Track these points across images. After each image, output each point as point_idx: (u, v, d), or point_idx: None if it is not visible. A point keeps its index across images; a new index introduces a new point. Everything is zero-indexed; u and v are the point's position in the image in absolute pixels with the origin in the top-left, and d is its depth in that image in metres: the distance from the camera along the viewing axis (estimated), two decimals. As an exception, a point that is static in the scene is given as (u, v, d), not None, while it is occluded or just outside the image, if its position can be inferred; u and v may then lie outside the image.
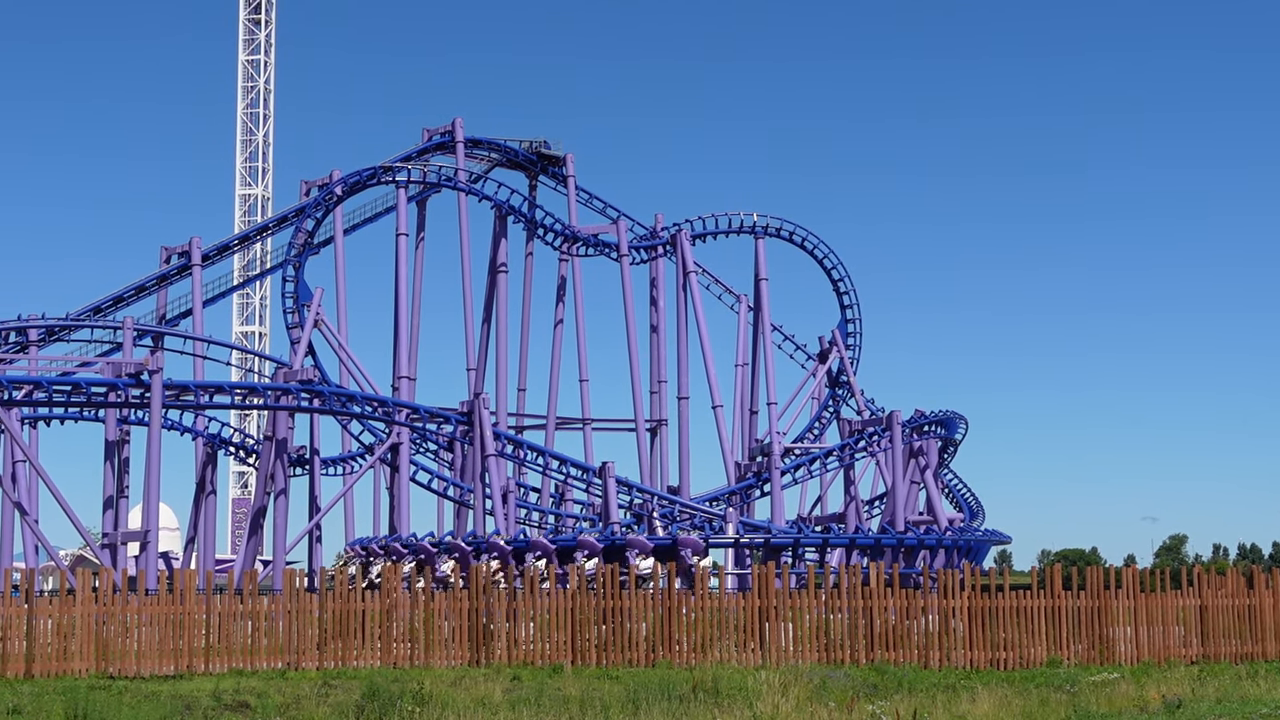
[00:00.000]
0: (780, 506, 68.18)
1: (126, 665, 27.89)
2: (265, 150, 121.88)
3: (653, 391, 78.24)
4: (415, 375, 72.22)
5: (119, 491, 60.84)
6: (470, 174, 77.68)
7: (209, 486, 65.56)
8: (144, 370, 52.85)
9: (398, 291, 72.44)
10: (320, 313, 67.55)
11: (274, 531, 60.22)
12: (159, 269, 74.98)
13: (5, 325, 62.72)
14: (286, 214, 78.33)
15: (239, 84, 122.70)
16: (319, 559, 63.11)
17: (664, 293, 78.69)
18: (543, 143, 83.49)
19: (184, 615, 28.68)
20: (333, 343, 68.46)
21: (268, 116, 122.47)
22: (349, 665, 29.18)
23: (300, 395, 58.35)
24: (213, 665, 28.53)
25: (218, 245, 77.34)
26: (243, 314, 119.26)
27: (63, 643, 27.74)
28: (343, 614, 29.75)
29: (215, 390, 57.86)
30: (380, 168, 73.87)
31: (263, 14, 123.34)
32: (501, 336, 77.38)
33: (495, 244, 78.54)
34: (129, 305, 73.33)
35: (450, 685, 24.41)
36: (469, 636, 30.14)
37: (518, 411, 79.63)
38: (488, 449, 60.37)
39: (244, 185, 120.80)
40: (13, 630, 27.50)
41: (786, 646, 30.21)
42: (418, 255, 79.06)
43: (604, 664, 29.49)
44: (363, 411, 61.51)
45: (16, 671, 27.00)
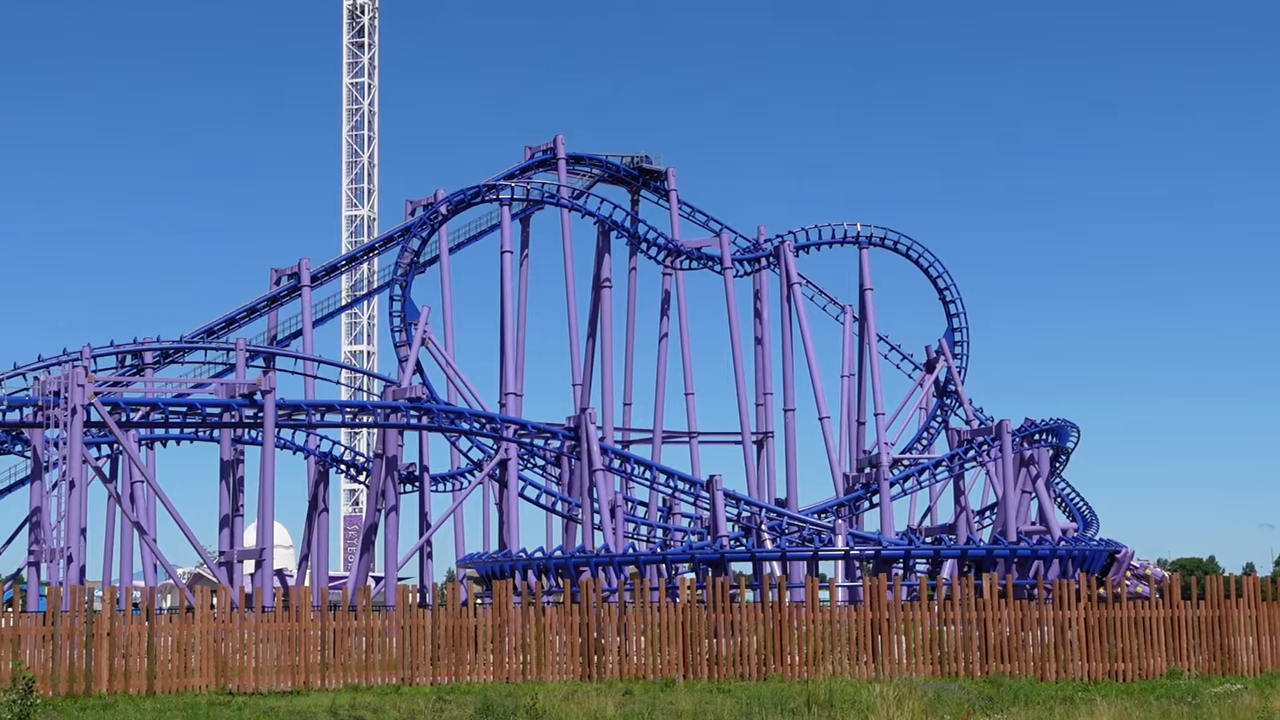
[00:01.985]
0: (890, 518, 67.64)
1: (245, 681, 28.28)
2: (370, 171, 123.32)
3: (758, 404, 78.02)
4: (522, 391, 72.61)
5: (234, 510, 61.74)
6: (572, 190, 78.07)
7: (321, 504, 66.37)
8: (257, 390, 53.61)
9: (503, 308, 72.91)
10: (427, 331, 68.16)
11: (385, 548, 60.78)
12: (269, 290, 76.20)
13: (122, 348, 63.98)
14: (392, 234, 79.16)
15: (343, 107, 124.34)
16: (430, 575, 63.58)
17: (768, 304, 78.52)
18: (644, 157, 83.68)
19: (300, 632, 29.04)
20: (440, 360, 69.02)
21: (372, 138, 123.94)
22: (462, 680, 29.36)
23: (409, 413, 58.87)
24: (328, 681, 28.83)
25: (326, 266, 78.44)
26: (351, 333, 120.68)
27: (183, 659, 28.18)
28: (455, 629, 29.95)
29: (326, 409, 58.55)
30: (484, 186, 74.42)
31: (365, 37, 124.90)
32: (606, 351, 77.61)
33: (599, 259, 78.80)
34: (241, 327, 74.65)
35: (563, 700, 24.47)
36: (580, 651, 30.21)
37: (624, 426, 79.75)
38: (595, 463, 60.51)
39: (350, 206, 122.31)
40: (134, 647, 28.00)
41: (899, 659, 29.93)
42: (522, 272, 79.56)
43: (716, 678, 29.42)
44: (471, 428, 61.93)
45: (139, 688, 27.48)
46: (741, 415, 76.49)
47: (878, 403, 75.19)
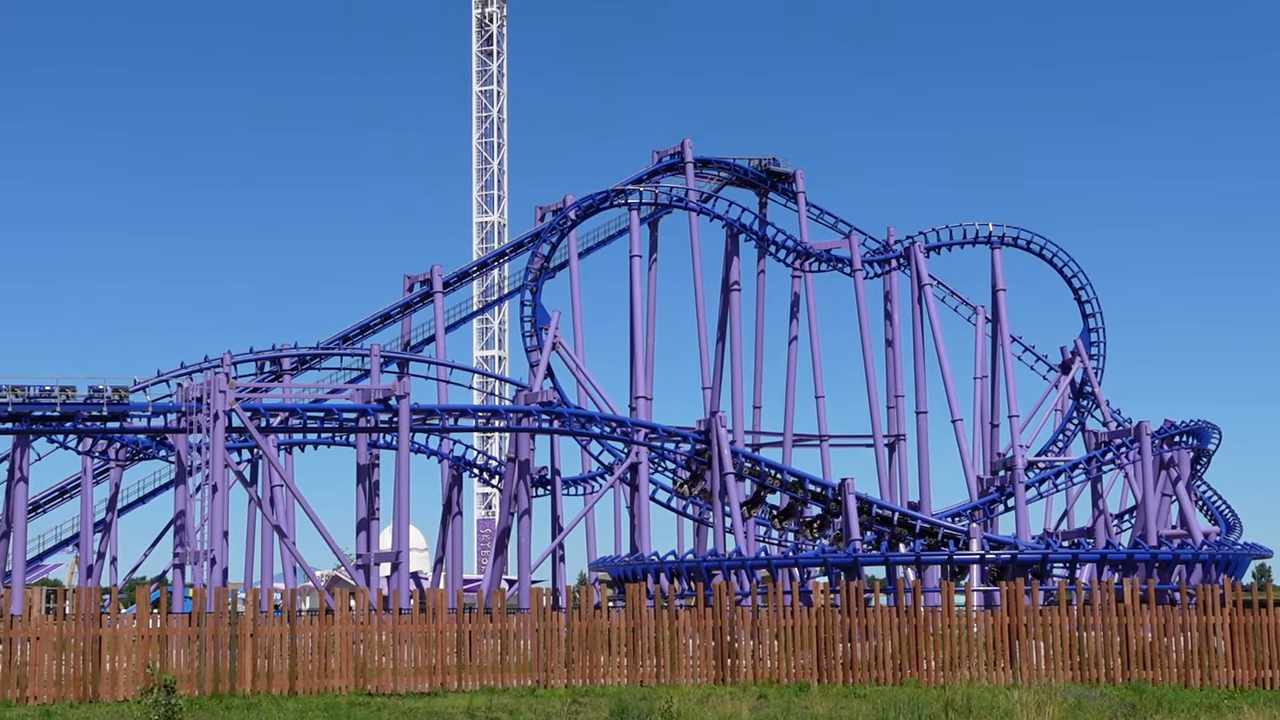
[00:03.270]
0: (1025, 521, 66.68)
1: (383, 682, 28.67)
2: (500, 178, 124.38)
3: (890, 406, 77.46)
4: (652, 395, 72.77)
5: (370, 513, 62.65)
6: (701, 194, 78.09)
7: (455, 508, 67.06)
8: (392, 396, 54.32)
9: (633, 312, 73.13)
10: (558, 335, 68.59)
11: (518, 551, 61.26)
12: (403, 297, 77.26)
13: (261, 355, 65.24)
14: (522, 240, 79.80)
15: (473, 114, 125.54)
16: (563, 578, 63.97)
17: (899, 306, 77.93)
18: (771, 160, 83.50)
19: (436, 633, 29.38)
20: (570, 364, 69.42)
21: (501, 145, 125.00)
22: (596, 683, 29.48)
23: (541, 417, 59.29)
24: (464, 682, 29.11)
25: (457, 272, 79.31)
26: (483, 338, 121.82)
27: (323, 660, 28.65)
28: (589, 632, 30.08)
29: (459, 414, 59.17)
30: (612, 191, 74.72)
31: (494, 45, 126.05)
32: (736, 354, 77.53)
33: (727, 262, 78.75)
34: (376, 333, 75.77)
35: (697, 703, 24.47)
36: (713, 654, 30.19)
37: (754, 429, 79.60)
38: (725, 467, 60.44)
39: (481, 213, 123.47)
40: (276, 648, 28.53)
41: (1038, 665, 29.49)
42: (651, 276, 79.75)
43: (851, 682, 29.23)
44: (602, 432, 62.19)
45: (281, 688, 27.99)
46: (873, 418, 75.99)
47: (1012, 405, 74.20)
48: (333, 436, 63.29)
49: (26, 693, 26.75)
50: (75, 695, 26.91)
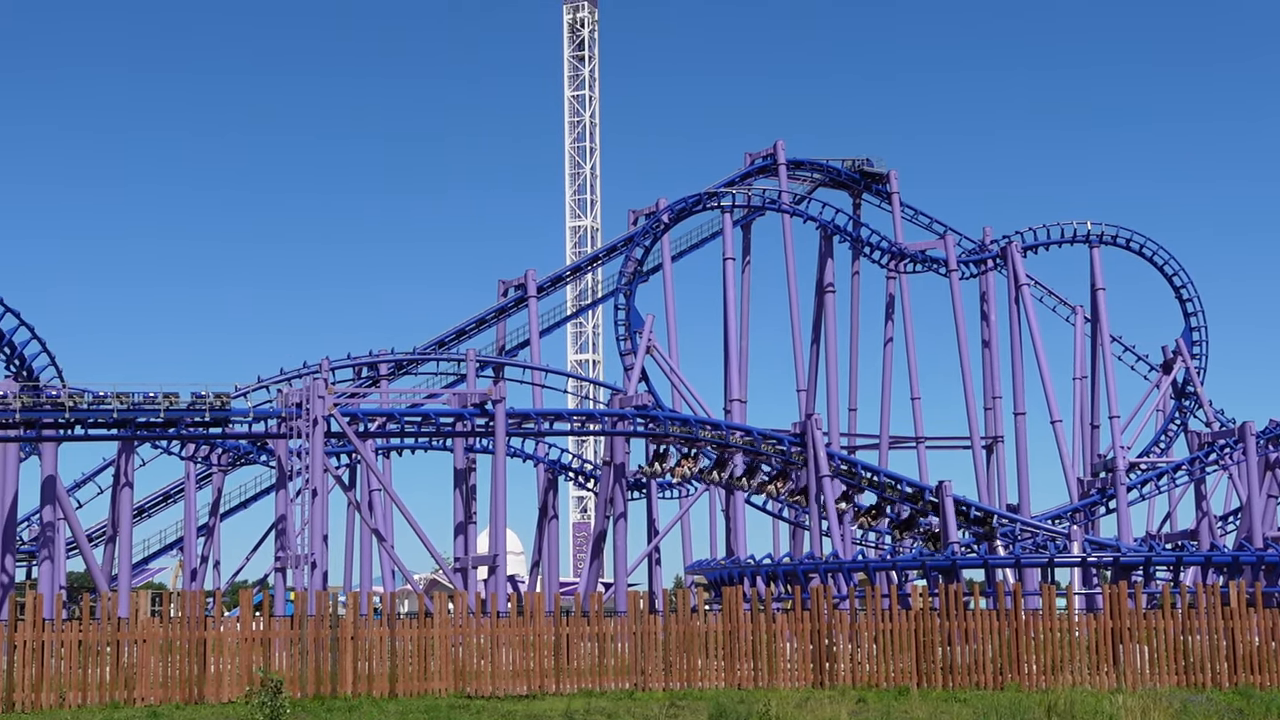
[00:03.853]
0: (1127, 524, 65.77)
1: (482, 685, 28.80)
2: (593, 182, 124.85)
3: (987, 408, 76.77)
4: (746, 398, 72.62)
5: (467, 517, 63.06)
6: (794, 196, 77.89)
7: (551, 511, 67.34)
8: (488, 400, 54.60)
9: (726, 315, 73.03)
10: (652, 339, 68.65)
11: (614, 554, 61.37)
12: (497, 302, 77.81)
13: (359, 361, 65.90)
14: (615, 243, 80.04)
15: (565, 119, 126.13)
16: (659, 581, 64.00)
17: (995, 306, 77.19)
18: (865, 160, 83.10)
19: (534, 636, 29.49)
20: (664, 367, 69.45)
21: (594, 149, 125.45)
22: (694, 686, 29.44)
23: (635, 421, 59.33)
24: (562, 685, 29.18)
25: (551, 277, 79.72)
26: (577, 342, 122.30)
27: (422, 663, 28.86)
28: (686, 635, 30.05)
29: (555, 418, 59.38)
30: (705, 194, 74.67)
31: (585, 50, 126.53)
32: (831, 356, 77.18)
33: (821, 264, 78.44)
34: (471, 338, 76.37)
35: (795, 707, 24.36)
36: (811, 658, 30.04)
37: (849, 431, 79.18)
38: (821, 470, 60.16)
39: (574, 217, 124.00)
40: (376, 651, 28.79)
41: (1142, 669, 29.05)
42: (744, 278, 79.59)
43: (950, 686, 28.96)
44: (697, 435, 62.09)
45: (381, 691, 28.22)
46: (970, 420, 75.35)
47: (1112, 405, 73.24)
48: (429, 441, 63.80)
49: (134, 694, 27.20)
50: (181, 696, 27.32)
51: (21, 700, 26.42)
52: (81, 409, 48.04)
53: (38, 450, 54.27)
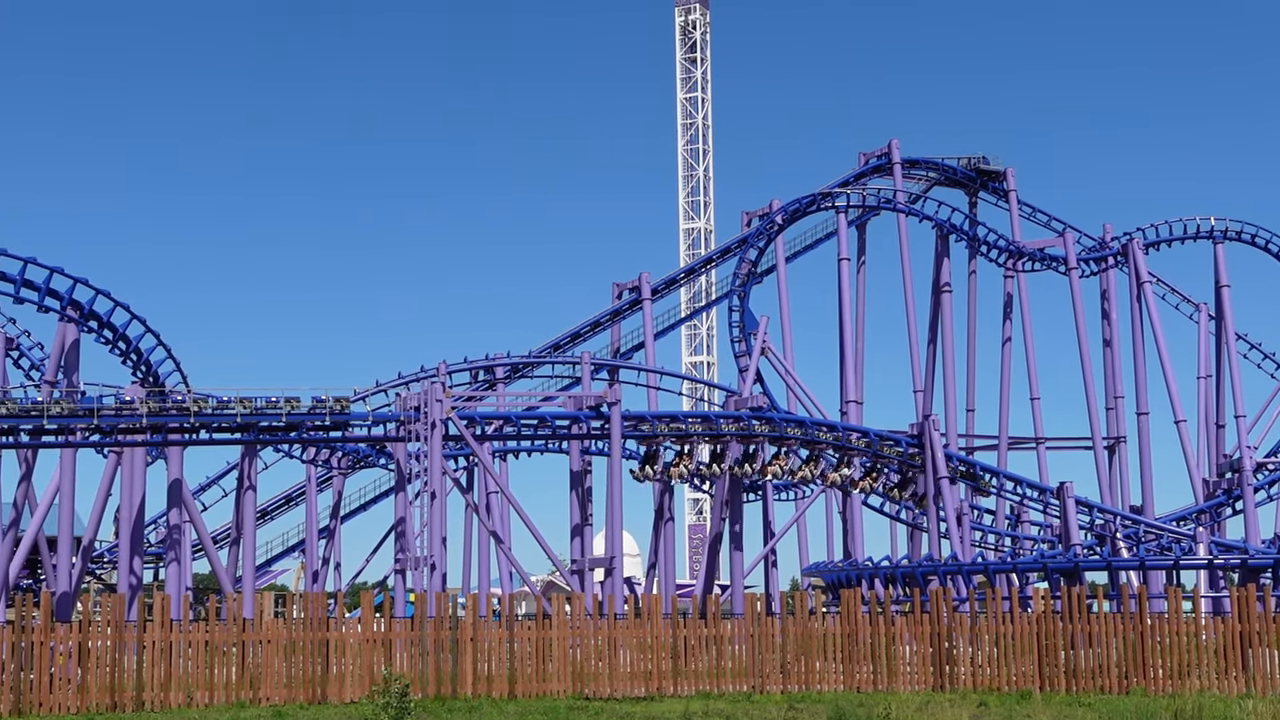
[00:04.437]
0: (1255, 525, 64.35)
1: (600, 687, 28.90)
2: (706, 184, 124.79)
3: (1109, 408, 75.59)
4: (862, 399, 72.15)
5: (584, 519, 63.28)
6: (909, 195, 77.23)
7: (667, 513, 67.36)
8: (603, 402, 54.73)
9: (841, 316, 72.60)
10: (766, 340, 68.42)
11: (730, 556, 61.24)
12: (612, 304, 78.06)
13: (475, 364, 66.44)
14: (729, 245, 79.95)
15: (678, 122, 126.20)
16: (775, 583, 63.74)
17: (1116, 305, 76.02)
18: (981, 158, 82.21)
19: (652, 638, 29.52)
20: (779, 369, 69.19)
21: (707, 151, 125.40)
22: (812, 689, 29.31)
23: (751, 422, 59.16)
24: (680, 688, 29.18)
25: (665, 279, 79.83)
26: (691, 344, 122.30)
27: (541, 665, 29.02)
28: (804, 637, 29.92)
29: (670, 420, 59.39)
30: (819, 194, 74.31)
31: (698, 52, 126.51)
32: (948, 357, 76.41)
33: (937, 263, 77.69)
34: (585, 340, 76.70)
35: (916, 710, 24.15)
36: (931, 661, 29.76)
37: (967, 432, 78.35)
38: (939, 471, 59.56)
39: (687, 219, 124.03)
40: (495, 652, 29.00)
41: (1272, 674, 28.38)
42: (859, 279, 79.07)
43: (1074, 690, 28.52)
44: (813, 436, 61.77)
45: (501, 692, 28.42)
46: (1091, 420, 74.24)
47: (1238, 404, 71.76)
48: (546, 443, 64.15)
49: (259, 694, 27.65)
50: (305, 696, 27.72)
51: (151, 699, 26.97)
52: (206, 413, 48.91)
53: (164, 454, 55.38)
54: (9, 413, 46.60)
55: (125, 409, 47.92)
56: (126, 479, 51.39)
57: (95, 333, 51.21)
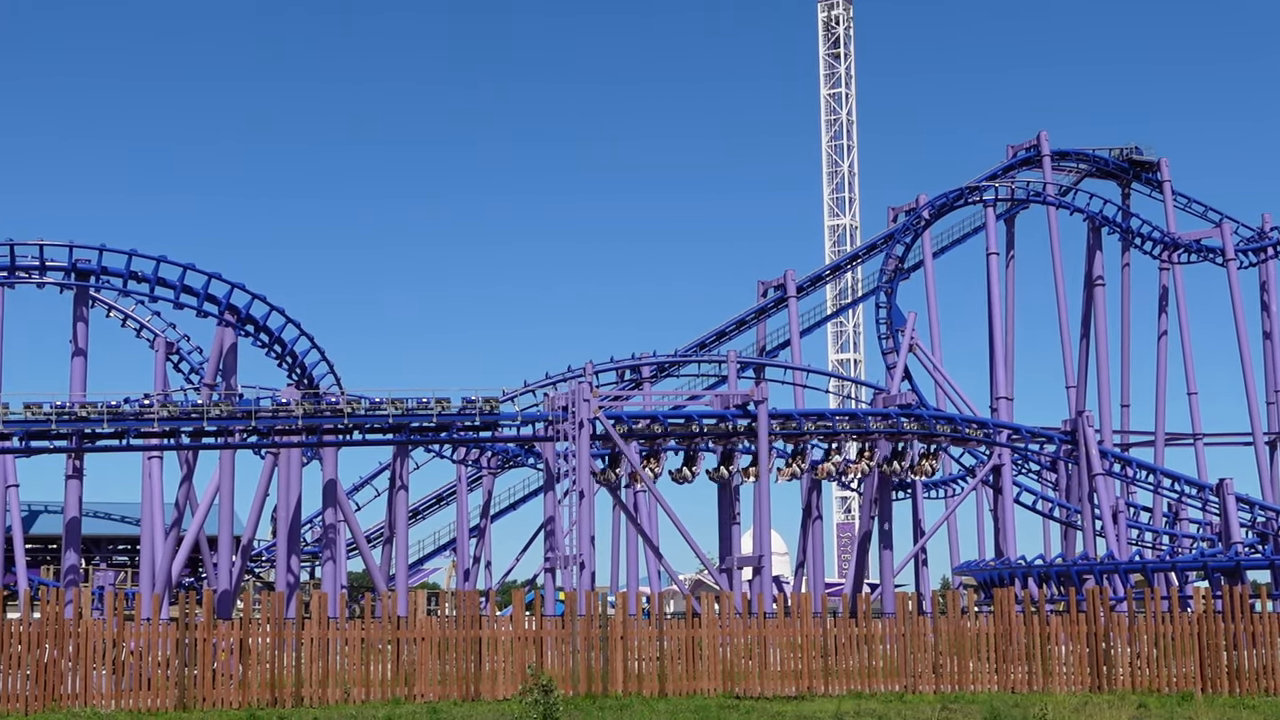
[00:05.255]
0: None
1: (750, 685, 28.83)
2: (850, 180, 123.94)
3: (1270, 402, 73.67)
4: (1013, 395, 71.22)
5: (731, 518, 63.16)
6: (1059, 187, 75.99)
7: (815, 512, 67.00)
8: (750, 401, 54.62)
9: (991, 311, 71.68)
10: (914, 336, 67.78)
11: (879, 555, 60.77)
12: (757, 303, 77.93)
13: (621, 364, 66.75)
14: (875, 241, 79.36)
15: (822, 118, 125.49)
16: (926, 582, 63.08)
17: (1276, 296, 74.03)
18: (1133, 149, 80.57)
19: (801, 638, 29.38)
20: (928, 365, 68.49)
21: (851, 147, 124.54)
22: (965, 689, 28.95)
23: (899, 420, 58.62)
24: (830, 687, 29.01)
25: (810, 276, 79.47)
26: (837, 342, 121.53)
27: (691, 663, 29.05)
28: (956, 637, 29.56)
29: (817, 418, 59.05)
30: (966, 188, 73.43)
31: (841, 47, 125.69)
32: (1101, 351, 74.99)
33: (1089, 257, 76.31)
34: (731, 339, 76.64)
35: (1073, 711, 23.76)
36: (1088, 661, 29.22)
37: (1122, 428, 76.91)
38: (1094, 468, 58.47)
39: (832, 216, 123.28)
40: (645, 651, 29.07)
41: None
42: (1009, 273, 77.96)
43: (1238, 692, 27.80)
44: (963, 434, 61.01)
45: (651, 690, 28.49)
46: (1251, 415, 72.36)
47: None
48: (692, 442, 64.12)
49: (414, 690, 28.06)
50: (458, 693, 28.05)
51: (309, 695, 27.51)
52: (359, 414, 49.76)
53: (319, 455, 56.53)
54: (170, 415, 47.88)
55: (281, 411, 48.98)
56: (283, 479, 52.55)
57: (252, 336, 52.48)
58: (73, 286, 51.18)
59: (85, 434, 47.56)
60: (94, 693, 26.57)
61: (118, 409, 47.17)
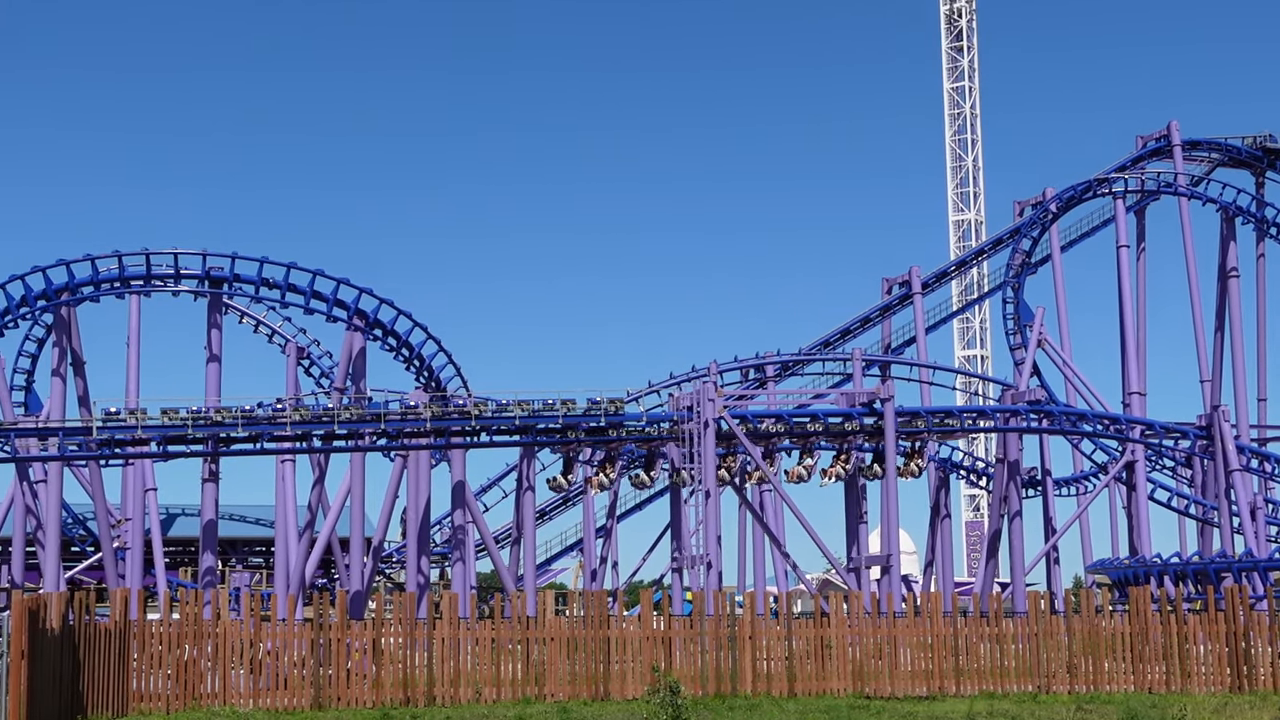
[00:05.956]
0: None
1: (880, 685, 28.66)
2: (975, 175, 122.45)
3: None
4: (1145, 390, 69.82)
5: (859, 517, 62.82)
6: (1190, 177, 74.39)
7: (943, 510, 66.36)
8: (876, 399, 54.27)
9: (1122, 305, 70.44)
10: (1043, 332, 66.83)
11: (1010, 553, 60.02)
12: (881, 300, 77.34)
13: (745, 363, 66.58)
14: (1001, 236, 78.34)
15: (945, 112, 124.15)
16: (1058, 581, 62.21)
17: None
18: (1267, 136, 78.64)
19: (932, 637, 29.14)
20: (1057, 361, 67.50)
21: (975, 141, 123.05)
22: (1100, 689, 28.51)
23: (1029, 416, 57.86)
24: (962, 687, 28.74)
25: (935, 273, 78.68)
26: (963, 338, 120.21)
27: (820, 663, 28.94)
28: (1090, 636, 29.12)
29: (944, 415, 58.48)
30: (1094, 180, 72.20)
31: (964, 40, 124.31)
32: (1237, 344, 73.30)
33: (1223, 248, 74.62)
34: (856, 337, 76.18)
35: (1212, 713, 23.32)
36: (1228, 661, 28.62)
37: (1259, 423, 75.10)
38: (1230, 463, 57.21)
39: (956, 211, 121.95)
40: (774, 651, 29.02)
41: None
42: (1139, 266, 76.50)
43: (1386, 693, 27.06)
44: (1094, 430, 60.07)
45: (780, 690, 28.43)
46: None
47: None
48: (818, 441, 63.82)
49: (544, 690, 28.28)
50: (587, 693, 28.21)
51: (441, 695, 27.84)
52: (486, 416, 50.24)
53: (447, 457, 57.14)
54: (302, 419, 48.75)
55: (410, 414, 49.62)
56: (412, 481, 53.22)
57: (380, 340, 53.22)
58: (206, 294, 52.29)
59: (220, 438, 48.57)
60: (232, 692, 27.13)
61: (251, 413, 48.12)
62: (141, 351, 58.76)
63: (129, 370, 58.13)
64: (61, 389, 51.26)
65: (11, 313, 50.44)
